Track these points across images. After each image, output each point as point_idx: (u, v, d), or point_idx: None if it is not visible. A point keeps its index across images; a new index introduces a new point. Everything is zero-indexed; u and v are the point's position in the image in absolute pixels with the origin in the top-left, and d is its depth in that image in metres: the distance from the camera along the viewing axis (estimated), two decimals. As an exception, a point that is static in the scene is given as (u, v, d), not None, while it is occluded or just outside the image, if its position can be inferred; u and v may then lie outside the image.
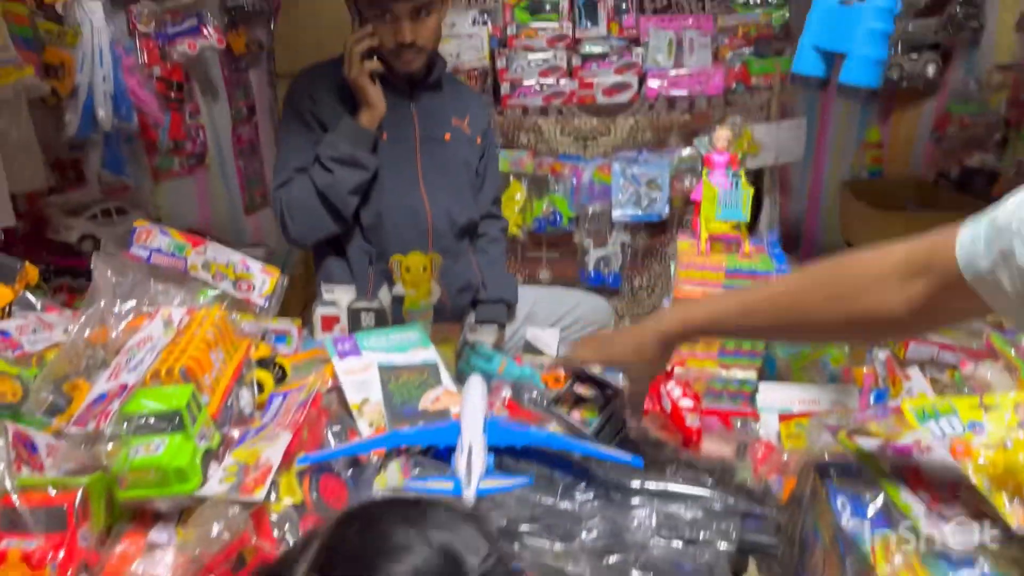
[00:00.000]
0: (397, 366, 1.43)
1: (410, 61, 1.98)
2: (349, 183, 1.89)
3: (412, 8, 1.91)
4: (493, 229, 2.24)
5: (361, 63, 1.90)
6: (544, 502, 1.08)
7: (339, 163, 1.88)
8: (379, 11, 1.92)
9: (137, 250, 1.51)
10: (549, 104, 3.47)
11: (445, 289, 2.03)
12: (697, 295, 1.59)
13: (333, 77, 1.99)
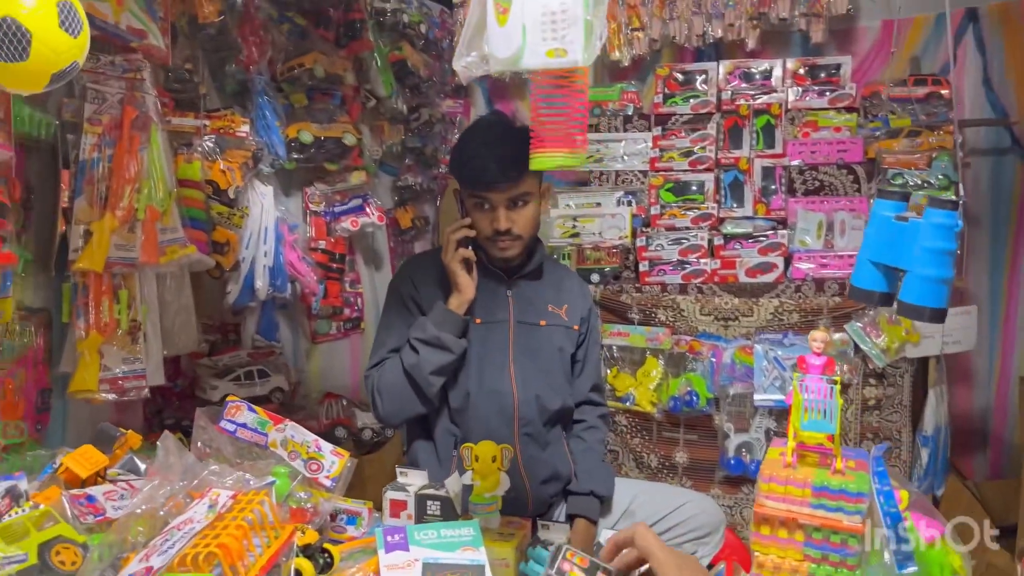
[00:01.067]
0: (443, 564, 1.38)
1: (506, 248, 2.05)
2: (432, 364, 1.93)
3: (508, 198, 2.00)
4: (591, 416, 2.18)
5: (456, 249, 1.99)
6: None
7: (424, 344, 1.94)
8: (477, 200, 2.02)
9: (225, 424, 1.61)
10: (689, 283, 3.43)
11: (528, 479, 1.97)
12: (780, 514, 1.42)
13: (436, 265, 2.09)
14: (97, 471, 1.54)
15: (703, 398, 3.33)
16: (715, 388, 3.34)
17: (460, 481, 1.67)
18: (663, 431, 3.46)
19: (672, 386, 3.39)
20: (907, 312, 1.15)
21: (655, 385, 3.43)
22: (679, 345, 3.40)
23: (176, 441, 1.47)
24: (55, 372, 2.30)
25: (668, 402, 3.38)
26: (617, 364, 3.46)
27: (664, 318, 3.41)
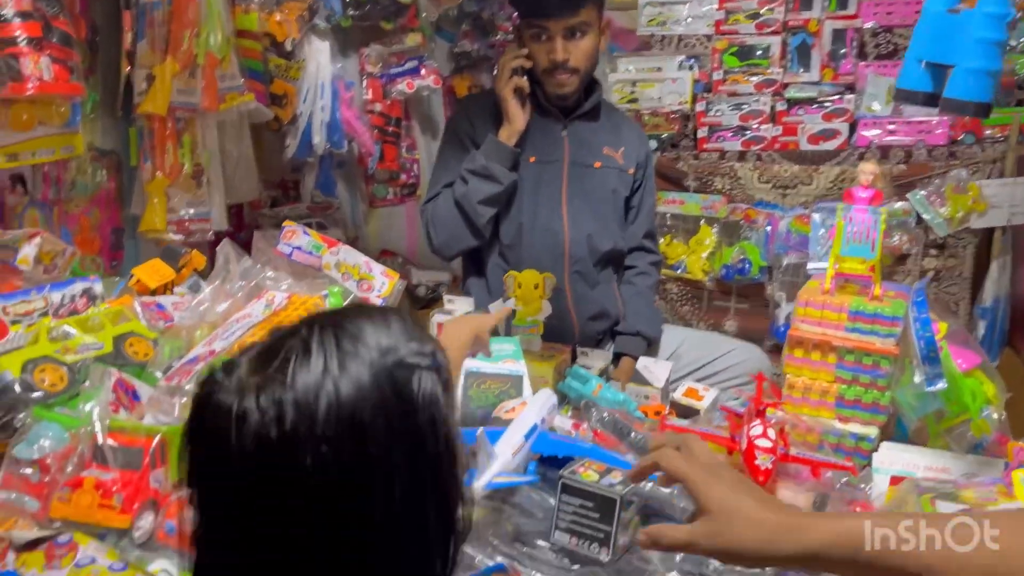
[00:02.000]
0: (483, 373, 1.46)
1: (563, 83, 2.03)
2: (481, 193, 1.96)
3: (566, 27, 1.97)
4: (643, 262, 2.20)
5: (510, 78, 1.99)
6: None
7: (473, 174, 1.97)
8: (535, 31, 2.00)
9: (282, 246, 1.69)
10: (748, 150, 3.35)
11: (576, 316, 2.02)
12: (814, 337, 1.45)
13: (493, 103, 2.09)
14: (165, 284, 1.64)
15: (756, 266, 3.32)
16: (769, 257, 3.31)
17: (504, 306, 1.73)
18: (713, 300, 3.47)
19: (725, 254, 3.38)
20: (952, 108, 1.12)
21: (708, 254, 3.42)
22: (734, 213, 3.36)
23: (234, 247, 1.56)
24: (126, 213, 2.42)
25: (720, 270, 3.38)
26: (670, 232, 3.45)
27: (721, 186, 3.36)
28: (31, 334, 1.33)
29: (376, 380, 0.61)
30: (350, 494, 0.60)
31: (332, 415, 0.59)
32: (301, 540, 0.59)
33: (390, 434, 0.61)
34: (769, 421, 1.29)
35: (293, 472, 0.58)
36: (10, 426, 1.24)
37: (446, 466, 0.65)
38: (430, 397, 0.64)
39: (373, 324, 0.65)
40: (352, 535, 0.60)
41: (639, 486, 1.05)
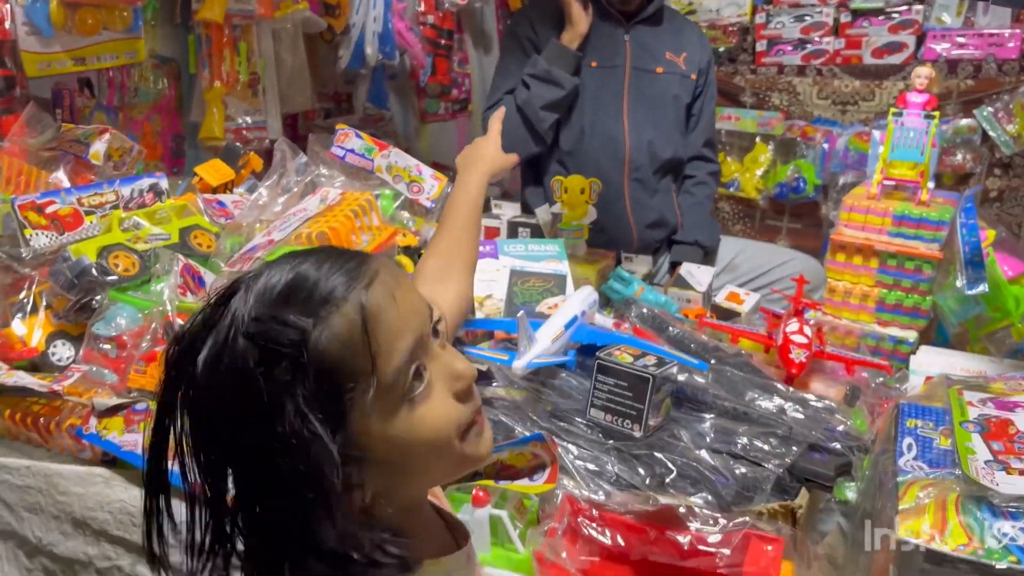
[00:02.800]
0: (528, 272, 1.50)
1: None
2: (543, 98, 1.96)
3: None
4: (701, 172, 2.17)
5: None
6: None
7: (535, 79, 1.97)
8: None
9: (336, 149, 1.73)
10: (808, 64, 3.25)
11: (634, 223, 2.03)
12: (857, 242, 1.45)
13: (554, 7, 2.06)
14: (225, 183, 1.71)
15: (811, 185, 3.26)
16: (824, 175, 3.25)
17: (550, 211, 1.76)
18: (766, 219, 3.44)
19: (780, 172, 3.32)
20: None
21: (762, 171, 3.37)
22: (791, 130, 3.29)
23: (290, 145, 1.61)
24: (186, 120, 2.50)
25: (774, 188, 3.33)
26: (724, 149, 3.40)
27: (778, 102, 3.29)
28: (104, 224, 1.41)
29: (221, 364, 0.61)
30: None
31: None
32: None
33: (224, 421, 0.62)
34: (807, 321, 1.32)
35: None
36: (88, 307, 1.33)
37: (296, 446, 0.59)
38: (254, 392, 0.60)
39: (269, 278, 0.63)
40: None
41: (669, 371, 1.09)
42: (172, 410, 0.64)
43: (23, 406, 1.26)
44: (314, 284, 0.62)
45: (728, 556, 0.93)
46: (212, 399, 0.62)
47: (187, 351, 0.63)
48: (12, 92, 1.79)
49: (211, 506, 0.64)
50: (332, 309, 0.61)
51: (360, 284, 0.63)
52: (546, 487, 1.00)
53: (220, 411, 0.61)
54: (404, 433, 0.63)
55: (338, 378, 0.60)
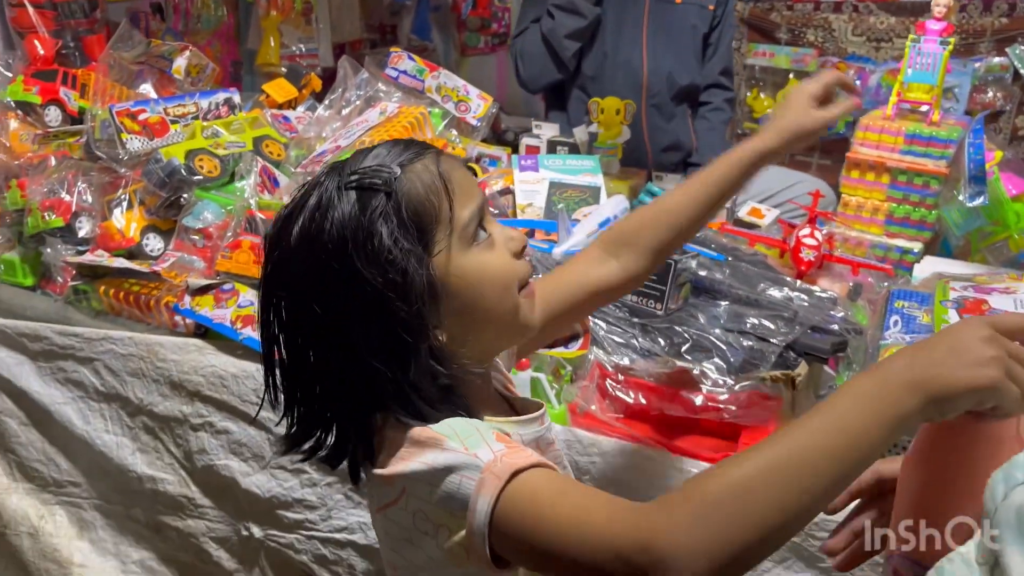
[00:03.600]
0: (565, 184, 1.65)
1: None
2: (567, 27, 2.08)
3: None
4: (718, 99, 2.29)
5: None
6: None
7: (559, 8, 2.08)
8: None
9: (389, 71, 1.87)
10: (844, 0, 3.29)
11: (650, 146, 2.16)
12: (870, 159, 1.57)
13: None
14: (289, 100, 1.87)
15: (842, 121, 3.33)
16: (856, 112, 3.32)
17: (587, 131, 1.90)
18: (795, 154, 3.52)
19: (811, 108, 3.39)
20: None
21: (794, 107, 3.45)
22: (825, 67, 3.35)
23: (352, 62, 1.76)
24: (243, 47, 2.65)
25: (805, 124, 3.41)
26: (758, 85, 3.47)
27: (813, 38, 3.34)
28: (187, 131, 1.58)
29: (329, 208, 0.72)
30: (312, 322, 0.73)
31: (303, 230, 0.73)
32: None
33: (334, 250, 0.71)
34: (819, 228, 1.45)
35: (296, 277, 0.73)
36: (177, 204, 1.51)
37: (388, 269, 0.71)
38: (356, 218, 0.71)
39: (363, 154, 0.76)
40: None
41: (689, 261, 1.24)
42: (273, 284, 0.76)
43: (125, 286, 1.45)
44: (394, 148, 0.77)
45: (734, 411, 1.09)
46: (312, 255, 0.72)
47: (283, 226, 0.74)
48: (94, 14, 1.95)
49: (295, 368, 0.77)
50: (414, 161, 0.75)
51: (431, 152, 0.78)
52: (579, 353, 1.17)
53: (327, 264, 0.71)
54: (475, 271, 0.76)
55: (422, 214, 0.73)
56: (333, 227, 0.72)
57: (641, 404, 1.13)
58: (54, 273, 1.54)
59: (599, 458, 1.09)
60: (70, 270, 1.51)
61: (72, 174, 1.54)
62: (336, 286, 0.72)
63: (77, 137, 1.66)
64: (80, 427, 1.48)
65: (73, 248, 1.53)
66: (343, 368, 0.74)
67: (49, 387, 1.49)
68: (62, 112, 1.72)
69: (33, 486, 1.58)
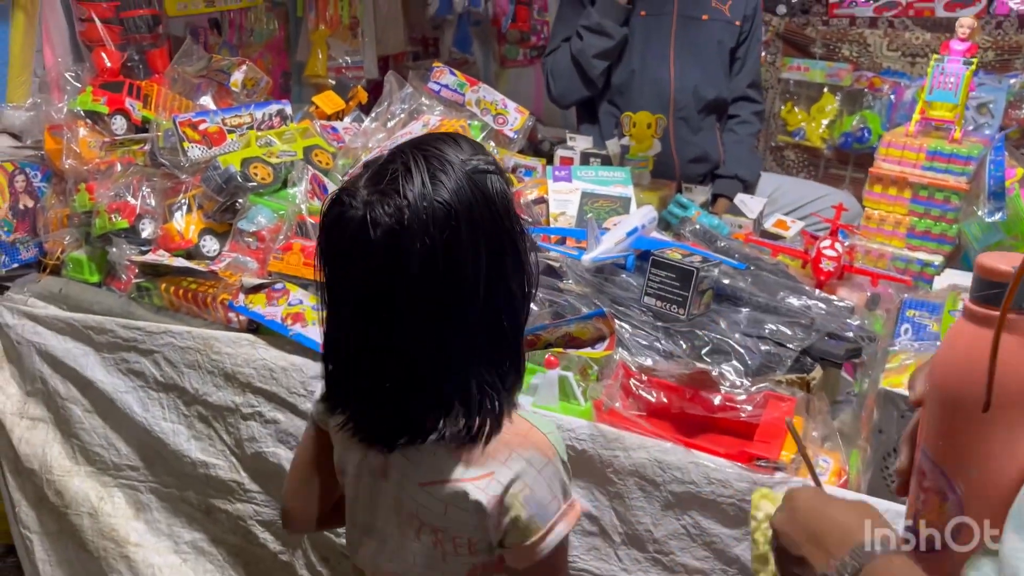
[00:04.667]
0: (597, 194, 1.73)
1: None
2: (595, 48, 2.16)
3: None
4: (745, 111, 2.34)
5: None
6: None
7: (588, 30, 2.17)
8: None
9: (432, 84, 1.97)
10: (880, 16, 3.32)
11: (678, 157, 2.22)
12: (893, 174, 1.63)
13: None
14: (337, 111, 1.98)
15: (875, 135, 3.35)
16: (890, 126, 3.34)
17: (618, 143, 1.98)
18: (830, 168, 3.54)
19: (845, 123, 3.42)
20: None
21: (828, 121, 3.48)
22: (859, 82, 3.38)
23: (397, 77, 1.86)
24: (292, 59, 2.77)
25: (839, 138, 3.44)
26: (792, 99, 3.51)
27: (848, 53, 3.37)
28: (243, 141, 1.69)
29: (460, 183, 0.80)
30: (449, 267, 0.80)
31: (433, 211, 0.79)
32: (408, 307, 0.82)
33: (475, 221, 0.80)
34: (840, 240, 1.51)
35: (408, 257, 0.79)
36: (232, 208, 1.62)
37: (519, 238, 0.84)
38: (501, 191, 0.83)
39: (448, 144, 0.84)
40: (451, 297, 0.81)
41: (711, 269, 1.31)
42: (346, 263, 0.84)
43: (183, 284, 1.56)
44: (469, 139, 0.88)
45: (750, 411, 1.15)
46: (463, 235, 0.80)
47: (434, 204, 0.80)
48: (157, 29, 2.07)
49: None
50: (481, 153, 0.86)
51: None
52: (605, 354, 1.24)
53: (461, 242, 0.80)
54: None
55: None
56: (492, 206, 0.82)
57: (663, 403, 1.21)
58: (119, 271, 1.66)
59: (621, 452, 1.17)
60: (133, 268, 1.63)
61: (137, 179, 1.66)
62: (477, 264, 0.81)
63: (141, 144, 1.78)
64: (139, 414, 1.59)
65: (136, 248, 1.64)
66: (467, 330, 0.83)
67: (112, 377, 1.61)
68: (127, 121, 1.84)
69: (94, 469, 1.69)
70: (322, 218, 0.86)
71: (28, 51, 1.84)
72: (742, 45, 2.28)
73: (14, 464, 1.75)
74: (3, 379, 1.73)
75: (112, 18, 1.97)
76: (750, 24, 2.27)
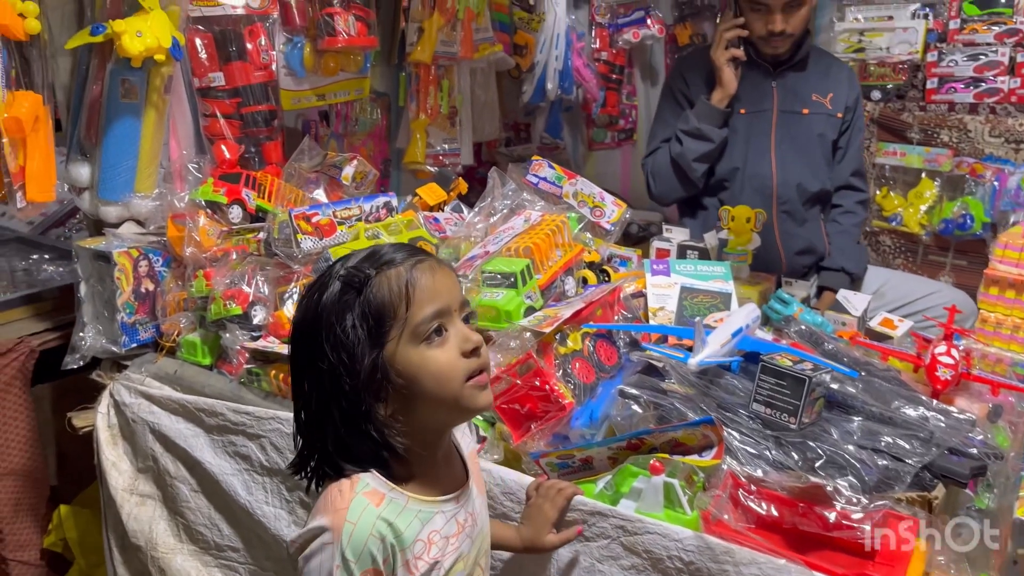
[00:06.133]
0: (696, 289, 1.72)
1: (777, 46, 2.18)
2: (695, 152, 2.19)
3: (785, 2, 2.11)
4: (849, 201, 2.31)
5: (726, 47, 2.17)
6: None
7: (688, 135, 2.20)
8: (755, 4, 2.16)
9: (530, 177, 2.02)
10: (981, 102, 3.26)
11: (783, 250, 2.20)
12: (1010, 276, 1.57)
13: (707, 61, 2.29)
14: (439, 202, 2.04)
15: (978, 222, 3.25)
16: (994, 214, 3.23)
17: (716, 237, 1.97)
18: (929, 254, 3.44)
19: (946, 209, 3.33)
20: None
21: (927, 207, 3.39)
22: (959, 167, 3.30)
23: (500, 174, 1.91)
24: (393, 146, 2.89)
25: (939, 224, 3.34)
26: (888, 184, 3.45)
27: (947, 139, 3.30)
28: (352, 233, 1.76)
29: (325, 288, 0.95)
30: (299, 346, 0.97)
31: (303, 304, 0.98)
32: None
33: (305, 319, 0.97)
34: (956, 345, 1.46)
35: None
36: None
37: (325, 342, 0.94)
38: (331, 298, 0.95)
39: (353, 256, 0.99)
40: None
41: (823, 376, 1.28)
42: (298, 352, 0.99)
43: (292, 372, 1.61)
44: (384, 253, 0.98)
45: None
46: (306, 326, 0.96)
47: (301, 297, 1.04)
48: (273, 123, 2.20)
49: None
50: (389, 267, 0.95)
51: (413, 259, 0.97)
52: (713, 463, 1.22)
53: (309, 333, 0.95)
54: (419, 364, 0.95)
55: (383, 311, 0.93)
56: (316, 307, 0.96)
57: (773, 516, 1.17)
58: (231, 355, 1.73)
59: (731, 567, 1.13)
60: (244, 354, 1.69)
61: (252, 268, 1.74)
62: (312, 351, 0.95)
63: (255, 233, 1.87)
64: (244, 497, 1.63)
65: (248, 334, 1.71)
66: (316, 409, 0.97)
67: (219, 458, 1.66)
68: (243, 210, 1.95)
69: (197, 548, 1.73)
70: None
71: (157, 145, 1.98)
72: (844, 134, 2.27)
73: (122, 540, 1.81)
74: (116, 455, 1.81)
75: (233, 113, 2.10)
76: (852, 115, 2.27)
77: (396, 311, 0.94)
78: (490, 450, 1.38)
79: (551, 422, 1.32)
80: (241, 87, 2.07)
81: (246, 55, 2.08)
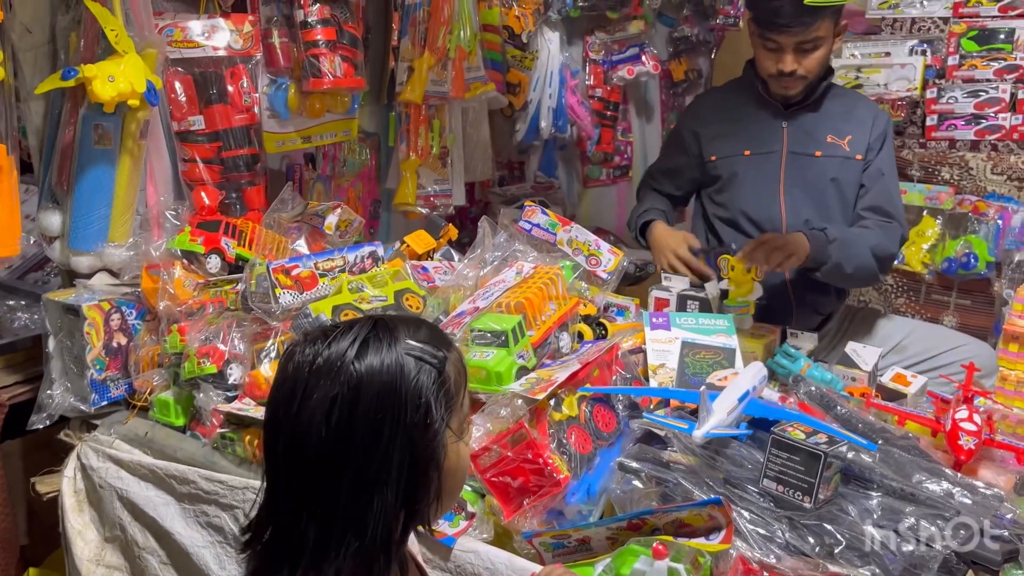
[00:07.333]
0: (698, 344, 1.63)
1: (787, 87, 2.10)
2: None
3: (798, 43, 2.02)
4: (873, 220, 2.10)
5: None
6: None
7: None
8: (767, 41, 2.06)
9: (523, 223, 1.94)
10: (982, 139, 3.21)
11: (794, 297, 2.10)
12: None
13: (726, 100, 2.21)
14: (428, 250, 1.95)
15: (983, 261, 3.17)
16: (998, 252, 3.16)
17: (718, 286, 1.88)
18: (932, 293, 3.36)
19: (948, 247, 3.26)
20: None
21: (929, 246, 3.32)
22: (961, 205, 3.23)
23: (491, 223, 1.83)
24: (382, 187, 2.81)
25: (942, 263, 3.27)
26: (889, 222, 3.38)
27: (948, 176, 3.24)
28: (335, 286, 1.67)
29: (387, 361, 0.87)
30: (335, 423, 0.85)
31: (341, 368, 0.86)
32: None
33: (380, 397, 0.86)
34: (977, 408, 1.36)
35: (300, 395, 0.88)
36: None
37: (418, 434, 0.87)
38: (424, 384, 0.87)
39: (406, 326, 0.91)
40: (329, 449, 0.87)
41: (840, 449, 1.18)
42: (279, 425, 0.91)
43: (268, 437, 1.51)
44: (440, 332, 0.96)
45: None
46: (362, 403, 0.86)
47: (340, 364, 0.87)
48: (255, 167, 2.12)
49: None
50: (450, 351, 0.93)
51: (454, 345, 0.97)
52: (721, 547, 1.12)
53: (375, 405, 0.85)
54: (456, 456, 0.93)
55: (453, 394, 0.90)
56: (403, 390, 0.87)
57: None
58: (204, 417, 1.63)
59: (744, 667, 1.03)
60: (219, 416, 1.59)
61: (228, 323, 1.65)
62: (377, 426, 0.86)
63: (232, 285, 1.78)
64: (215, 572, 1.52)
65: (223, 394, 1.61)
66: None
67: (191, 529, 1.55)
68: (221, 260, 1.86)
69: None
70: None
71: (132, 192, 1.89)
72: (865, 172, 2.14)
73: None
74: (82, 523, 1.70)
75: (213, 158, 2.02)
76: (875, 153, 2.15)
77: (456, 396, 0.92)
78: (479, 527, 1.28)
79: (545, 498, 1.23)
80: (222, 131, 1.99)
81: (227, 97, 2.00)
